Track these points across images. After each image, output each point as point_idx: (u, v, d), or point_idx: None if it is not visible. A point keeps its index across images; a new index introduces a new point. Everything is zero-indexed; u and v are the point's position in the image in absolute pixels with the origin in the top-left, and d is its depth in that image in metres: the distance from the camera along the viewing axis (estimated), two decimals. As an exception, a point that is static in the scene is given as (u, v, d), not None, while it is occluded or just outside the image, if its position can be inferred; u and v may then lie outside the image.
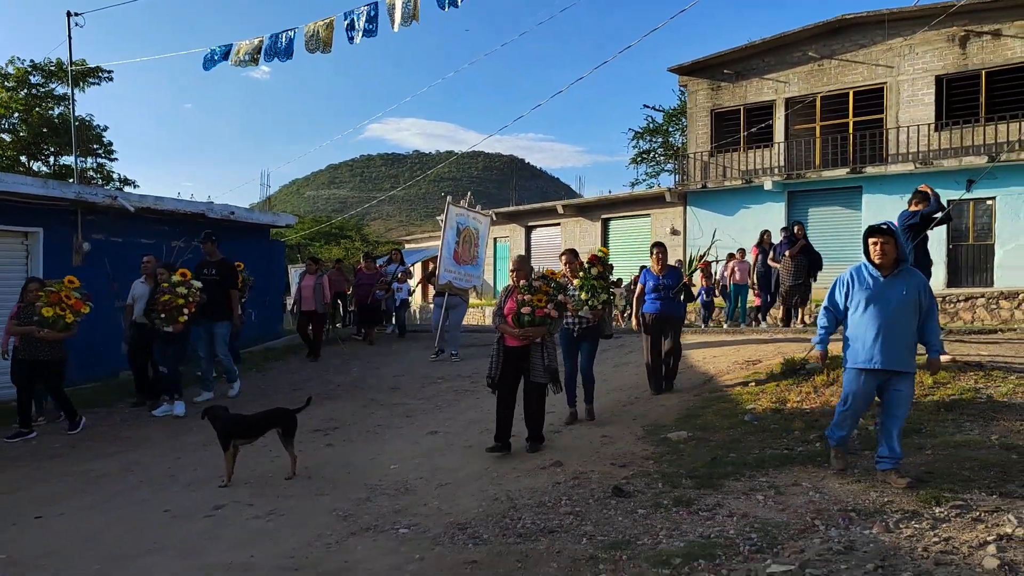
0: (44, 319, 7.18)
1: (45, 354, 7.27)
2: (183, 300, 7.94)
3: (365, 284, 13.10)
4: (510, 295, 6.01)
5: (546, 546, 4.02)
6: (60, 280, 7.55)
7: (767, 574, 3.47)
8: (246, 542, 4.33)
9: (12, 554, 4.25)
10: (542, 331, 5.82)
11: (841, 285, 4.67)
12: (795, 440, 5.56)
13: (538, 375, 5.81)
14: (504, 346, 5.91)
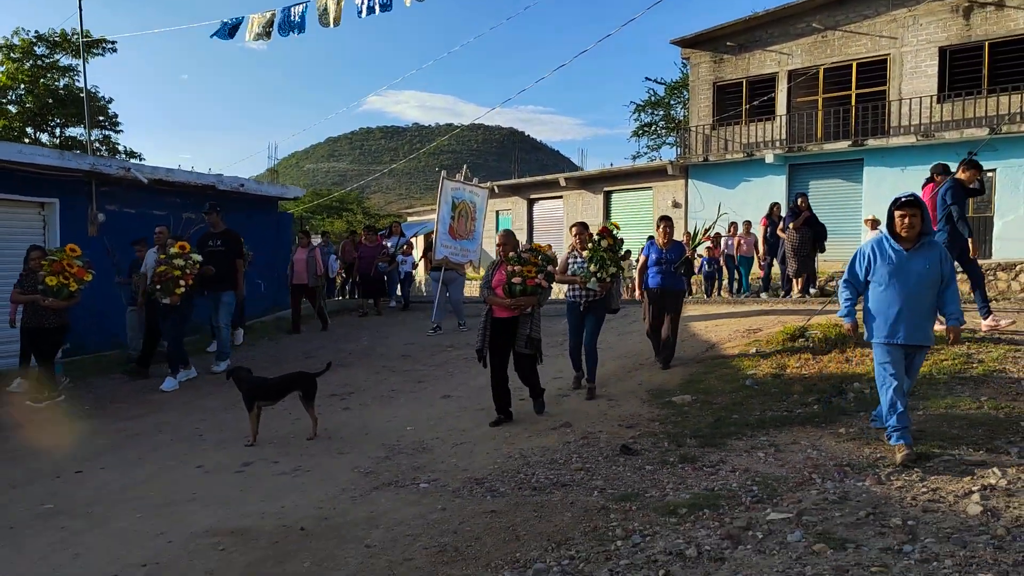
0: (48, 288, 7.20)
1: (50, 322, 7.33)
2: (179, 272, 7.91)
3: (367, 256, 13.27)
4: (498, 268, 6.09)
5: (560, 498, 4.29)
6: (62, 248, 7.57)
7: (767, 521, 3.73)
8: (276, 494, 4.61)
9: (59, 503, 4.53)
10: (533, 300, 5.91)
11: (862, 258, 4.61)
12: (794, 403, 5.82)
13: (521, 345, 5.90)
14: (492, 318, 5.99)
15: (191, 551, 3.75)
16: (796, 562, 3.24)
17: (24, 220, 9.61)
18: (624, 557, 3.46)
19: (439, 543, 3.71)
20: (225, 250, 8.87)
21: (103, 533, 4.04)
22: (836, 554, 3.28)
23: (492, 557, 3.55)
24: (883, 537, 3.42)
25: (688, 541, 3.56)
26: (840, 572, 3.11)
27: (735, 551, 3.42)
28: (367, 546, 3.72)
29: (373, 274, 13.19)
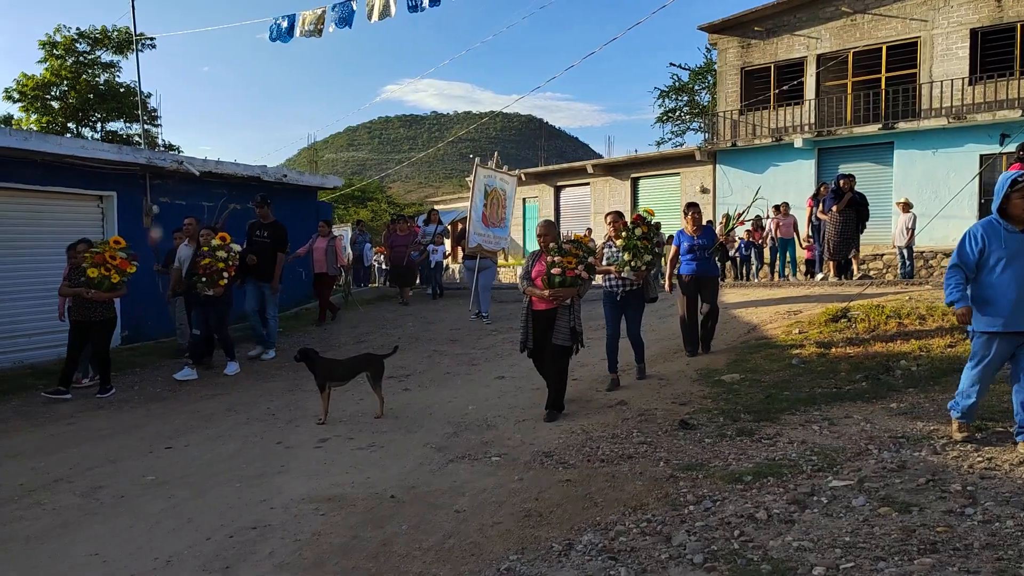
0: (90, 280, 7.23)
1: (97, 315, 7.37)
2: (223, 264, 7.95)
3: (399, 245, 13.40)
4: (538, 259, 6.00)
5: (628, 469, 4.55)
6: (106, 240, 7.65)
7: (830, 488, 3.97)
8: (358, 467, 4.91)
9: (158, 475, 4.86)
10: (572, 292, 5.82)
11: (973, 241, 4.30)
12: (842, 380, 6.03)
13: (561, 337, 5.79)
14: (533, 311, 5.93)
15: (294, 515, 4.05)
16: (864, 523, 3.48)
17: (85, 212, 9.99)
18: (698, 520, 3.71)
19: (523, 508, 3.99)
20: (271, 242, 9.07)
21: (208, 501, 4.36)
22: (901, 516, 3.51)
23: (574, 521, 3.82)
24: (944, 501, 3.65)
25: (756, 506, 3.81)
26: (907, 532, 3.34)
27: (803, 514, 3.67)
28: (456, 511, 4.00)
29: (405, 263, 13.33)
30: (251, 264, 8.81)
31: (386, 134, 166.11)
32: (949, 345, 6.41)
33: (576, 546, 3.52)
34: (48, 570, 3.54)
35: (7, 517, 4.22)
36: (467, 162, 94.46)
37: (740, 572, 3.13)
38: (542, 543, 3.58)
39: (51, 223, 9.48)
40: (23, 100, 20.41)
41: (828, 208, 11.26)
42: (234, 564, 3.50)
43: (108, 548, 3.75)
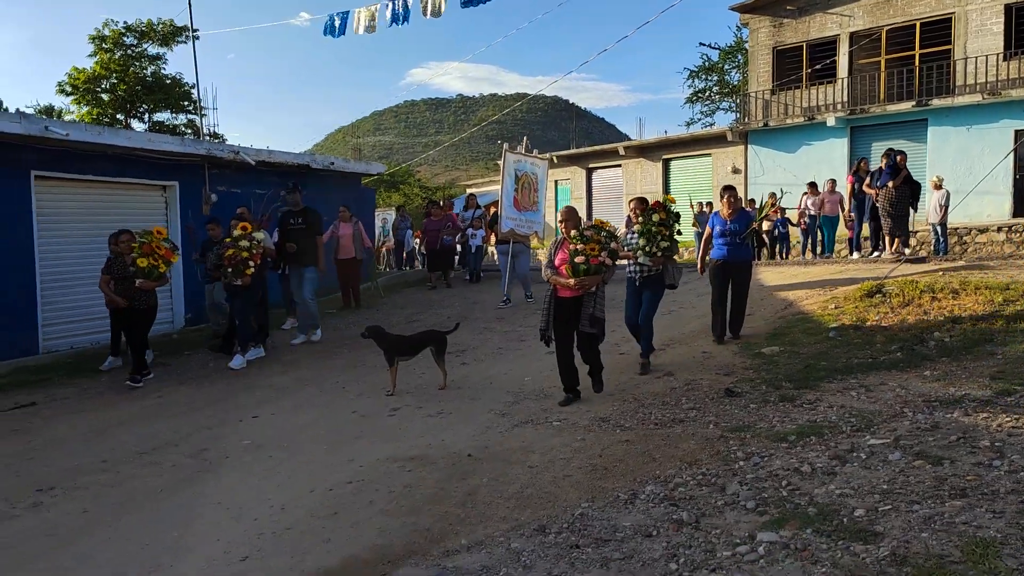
0: (140, 269, 7.36)
1: (140, 303, 7.53)
2: (247, 253, 7.93)
3: (433, 229, 13.55)
4: (560, 246, 5.95)
5: (681, 430, 4.98)
6: (149, 231, 7.75)
7: (868, 445, 4.37)
8: (431, 432, 5.40)
9: (253, 440, 5.40)
10: (597, 280, 5.78)
11: None
12: (878, 351, 6.38)
13: (586, 325, 5.79)
14: (555, 298, 5.90)
15: (383, 472, 4.55)
16: (900, 474, 3.88)
17: (150, 202, 10.59)
18: (748, 473, 4.14)
19: (589, 464, 4.45)
20: (306, 227, 9.19)
21: (303, 461, 4.88)
22: (934, 468, 3.90)
23: (636, 474, 4.27)
24: (974, 455, 4.03)
25: (801, 461, 4.22)
26: (939, 480, 3.74)
27: (843, 468, 4.07)
28: (529, 467, 4.47)
29: (439, 247, 13.48)
30: (291, 252, 9.02)
31: (412, 118, 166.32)
32: (981, 318, 6.72)
33: (640, 495, 3.97)
34: (183, 515, 4.08)
35: (131, 474, 4.78)
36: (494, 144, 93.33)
37: (789, 515, 3.55)
38: (609, 493, 4.03)
39: (121, 212, 10.07)
40: (75, 93, 21.25)
41: (884, 183, 10.91)
42: (340, 511, 4.00)
43: (228, 498, 4.28)
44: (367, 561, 3.42)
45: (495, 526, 3.72)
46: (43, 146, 8.91)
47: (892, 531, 3.28)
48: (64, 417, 6.39)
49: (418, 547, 3.53)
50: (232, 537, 3.76)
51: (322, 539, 3.67)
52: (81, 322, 9.61)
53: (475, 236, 14.68)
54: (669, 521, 3.62)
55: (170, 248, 7.71)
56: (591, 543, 3.46)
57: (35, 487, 4.59)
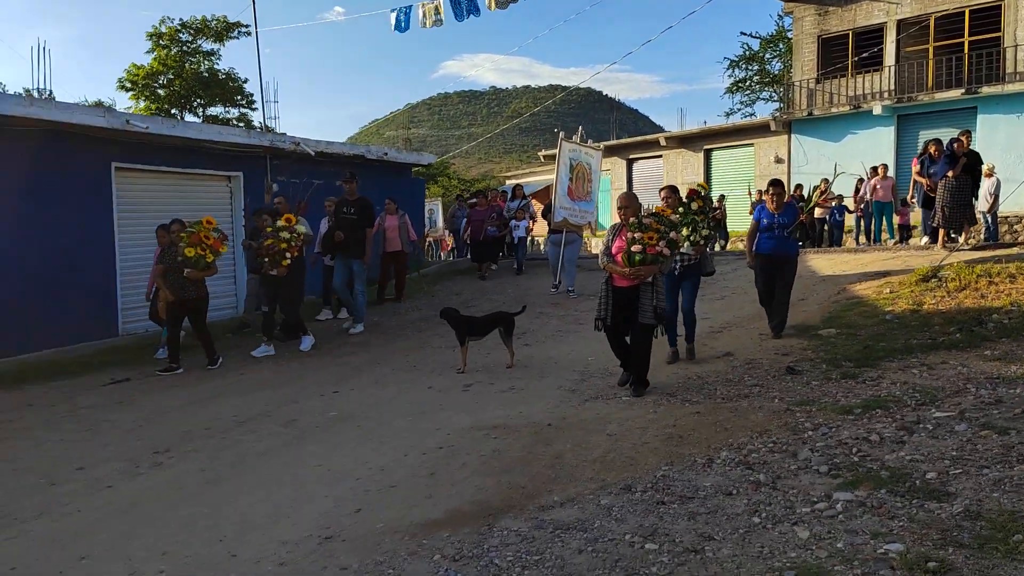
0: (187, 259, 7.42)
1: (191, 293, 7.61)
2: (286, 244, 7.95)
3: (477, 220, 13.64)
4: (618, 233, 5.81)
5: (747, 404, 5.22)
6: (199, 221, 7.75)
7: (934, 418, 4.57)
8: (507, 405, 5.70)
9: (339, 412, 5.76)
10: (654, 270, 5.63)
11: None
12: (936, 333, 6.53)
13: (647, 316, 5.63)
14: (612, 287, 5.78)
15: (470, 439, 4.86)
16: (967, 443, 4.08)
17: (216, 191, 11.05)
18: (818, 441, 4.37)
19: (664, 433, 4.71)
20: (357, 218, 9.16)
21: (390, 431, 5.22)
22: (1001, 437, 4.09)
23: (711, 442, 4.52)
24: (1039, 426, 4.21)
25: (868, 431, 4.43)
26: (1007, 448, 3.94)
27: (911, 437, 4.28)
28: (608, 435, 4.75)
29: (483, 238, 13.55)
30: (338, 241, 9.06)
31: (445, 110, 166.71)
32: (1039, 301, 6.82)
33: (716, 460, 4.22)
34: (292, 474, 4.44)
35: (236, 440, 5.17)
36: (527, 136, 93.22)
37: (863, 477, 3.78)
38: (686, 458, 4.29)
39: (190, 201, 10.53)
40: (134, 89, 21.99)
41: (941, 175, 10.41)
42: (437, 471, 4.32)
43: (329, 461, 4.63)
44: (469, 514, 3.73)
45: (584, 485, 4.00)
46: (123, 139, 9.38)
47: (964, 491, 3.50)
48: (160, 392, 6.83)
49: (515, 502, 3.83)
50: (340, 493, 4.10)
51: (424, 495, 3.99)
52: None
53: (518, 227, 14.58)
54: (747, 482, 3.87)
55: (219, 238, 7.71)
56: (676, 500, 3.73)
57: (152, 450, 4.99)
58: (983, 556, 2.89)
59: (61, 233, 8.86)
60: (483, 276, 13.30)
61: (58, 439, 5.35)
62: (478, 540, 3.41)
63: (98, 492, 4.26)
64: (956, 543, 3.01)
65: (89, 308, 9.12)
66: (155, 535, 3.65)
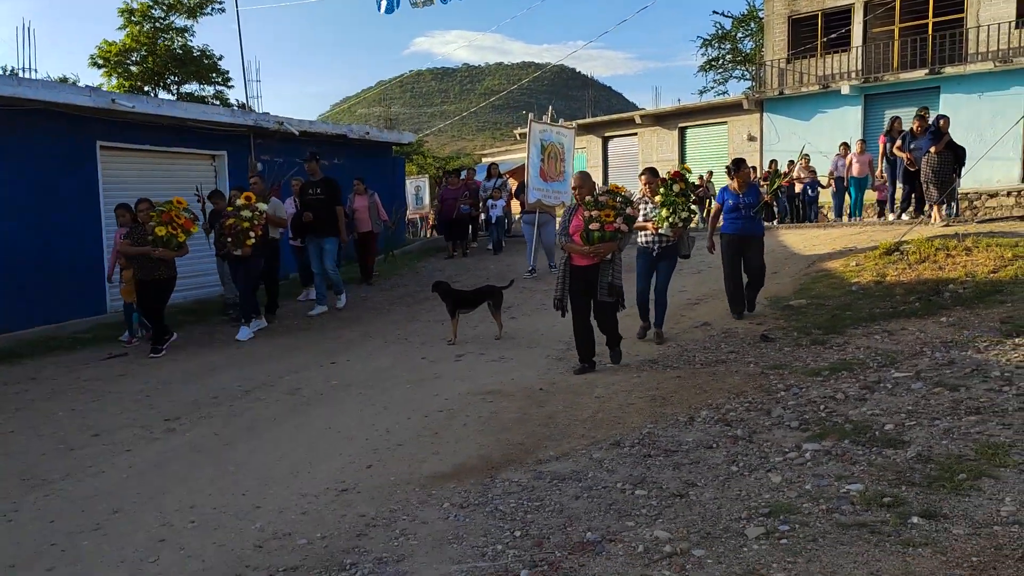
0: (158, 238, 7.30)
1: (161, 273, 7.49)
2: (248, 224, 7.82)
3: (450, 199, 13.40)
4: (575, 213, 5.83)
5: (724, 369, 5.61)
6: (169, 200, 7.67)
7: (893, 378, 4.98)
8: (499, 372, 6.03)
9: (340, 381, 6.05)
10: (613, 247, 5.68)
11: None
12: (898, 302, 6.97)
13: (603, 294, 5.72)
14: (571, 266, 5.84)
15: (467, 403, 5.19)
16: (922, 399, 4.50)
17: (201, 170, 11.16)
18: (790, 400, 4.76)
19: (649, 394, 5.08)
20: (325, 198, 9.07)
21: (391, 396, 5.52)
22: (952, 393, 4.52)
23: (691, 402, 4.89)
24: (986, 383, 4.64)
25: (835, 391, 4.84)
26: (956, 403, 4.36)
27: (872, 395, 4.69)
28: (596, 397, 5.11)
29: (455, 217, 13.38)
30: (307, 222, 9.03)
31: (418, 88, 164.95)
32: (992, 271, 7.29)
33: (696, 418, 4.60)
34: (303, 436, 4.74)
35: (244, 407, 5.45)
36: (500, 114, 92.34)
37: (829, 430, 4.18)
38: (670, 417, 4.66)
39: (176, 179, 10.65)
40: (107, 66, 21.71)
41: (925, 150, 10.56)
42: (440, 432, 4.65)
43: (337, 424, 4.93)
44: (473, 467, 4.06)
45: (576, 441, 4.36)
46: (108, 118, 9.47)
47: (917, 440, 3.91)
48: (160, 365, 7.05)
49: (514, 457, 4.17)
50: (352, 452, 4.41)
51: (431, 452, 4.31)
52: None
53: (495, 206, 14.29)
54: (725, 437, 4.25)
55: (190, 218, 7.65)
56: (661, 453, 4.10)
57: (163, 417, 5.25)
58: (931, 492, 3.29)
59: (48, 211, 8.97)
60: (451, 256, 13.14)
61: (69, 409, 5.58)
62: (482, 490, 3.75)
63: (119, 455, 4.52)
64: (908, 482, 3.41)
65: (78, 285, 9.26)
66: (182, 491, 3.93)
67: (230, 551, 3.23)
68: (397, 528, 3.39)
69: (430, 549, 3.17)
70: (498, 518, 3.43)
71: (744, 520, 3.20)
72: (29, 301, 8.71)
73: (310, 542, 3.29)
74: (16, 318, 8.54)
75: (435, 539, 3.26)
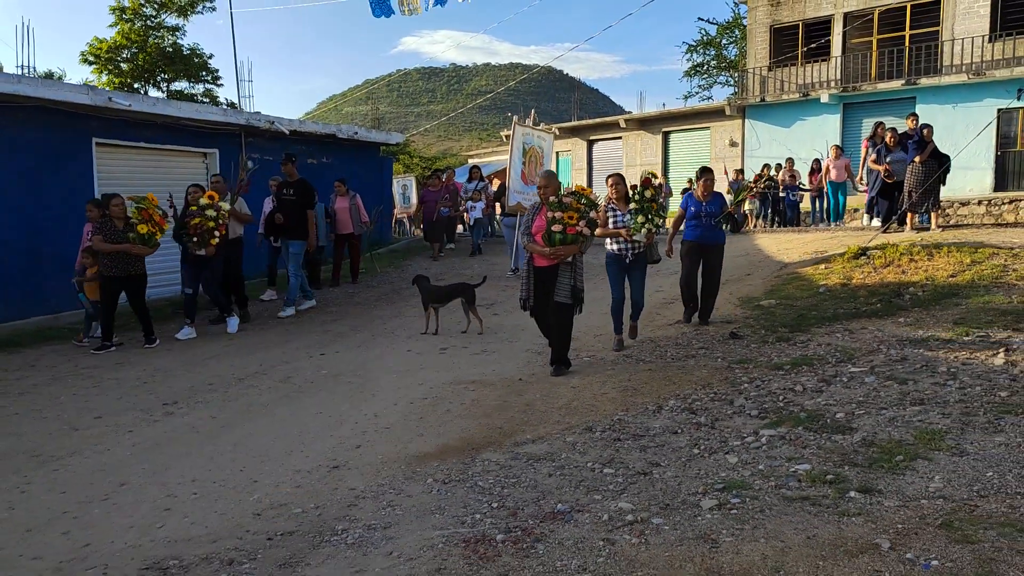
0: (140, 236, 7.33)
1: (137, 268, 7.51)
2: (213, 223, 7.81)
3: (430, 200, 13.40)
4: (539, 213, 5.77)
5: (694, 363, 5.95)
6: (144, 196, 7.63)
7: (849, 372, 5.34)
8: (481, 364, 6.34)
9: (329, 371, 6.34)
10: (574, 249, 5.64)
11: None
12: (861, 303, 7.36)
13: (563, 295, 5.68)
14: (534, 267, 5.79)
15: (451, 391, 5.50)
16: (873, 391, 4.86)
17: (192, 167, 11.39)
18: (752, 392, 5.11)
19: (622, 386, 5.41)
20: (298, 200, 9.03)
21: (378, 385, 5.82)
22: (900, 386, 4.88)
23: (660, 393, 5.23)
24: (933, 377, 5.01)
25: (794, 383, 5.19)
26: (903, 394, 4.72)
27: (829, 387, 5.05)
28: (572, 387, 5.44)
29: (435, 218, 13.37)
30: (279, 223, 9.01)
31: (405, 87, 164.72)
32: (951, 275, 7.69)
33: (664, 407, 4.93)
34: (296, 420, 5.03)
35: (238, 393, 5.73)
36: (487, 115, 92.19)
37: (785, 418, 4.52)
38: (639, 405, 5.00)
39: (168, 176, 10.87)
40: (97, 63, 21.84)
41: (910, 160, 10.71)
42: (425, 416, 4.96)
43: (327, 410, 5.23)
44: (456, 448, 4.37)
45: (551, 426, 4.68)
46: (104, 116, 9.69)
47: (864, 426, 4.26)
48: (157, 354, 7.31)
49: (494, 439, 4.49)
50: (342, 434, 4.71)
51: (416, 434, 4.62)
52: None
53: (474, 208, 14.31)
54: (690, 424, 4.59)
55: (162, 215, 7.68)
56: (629, 438, 4.43)
57: (162, 402, 5.52)
58: (870, 472, 3.64)
59: (45, 205, 9.18)
60: (436, 257, 13.23)
61: (71, 393, 5.84)
62: (463, 468, 4.06)
63: (122, 435, 4.79)
64: (851, 463, 3.76)
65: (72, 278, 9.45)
66: (183, 467, 4.22)
67: (230, 519, 3.53)
68: (385, 500, 3.69)
69: (415, 518, 3.48)
70: (477, 492, 3.74)
71: (700, 494, 3.54)
72: (24, 292, 8.92)
73: (304, 511, 3.59)
74: (11, 309, 8.75)
75: (419, 510, 3.57)
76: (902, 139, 11.26)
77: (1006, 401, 4.46)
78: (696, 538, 3.09)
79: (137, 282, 7.59)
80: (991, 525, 3.01)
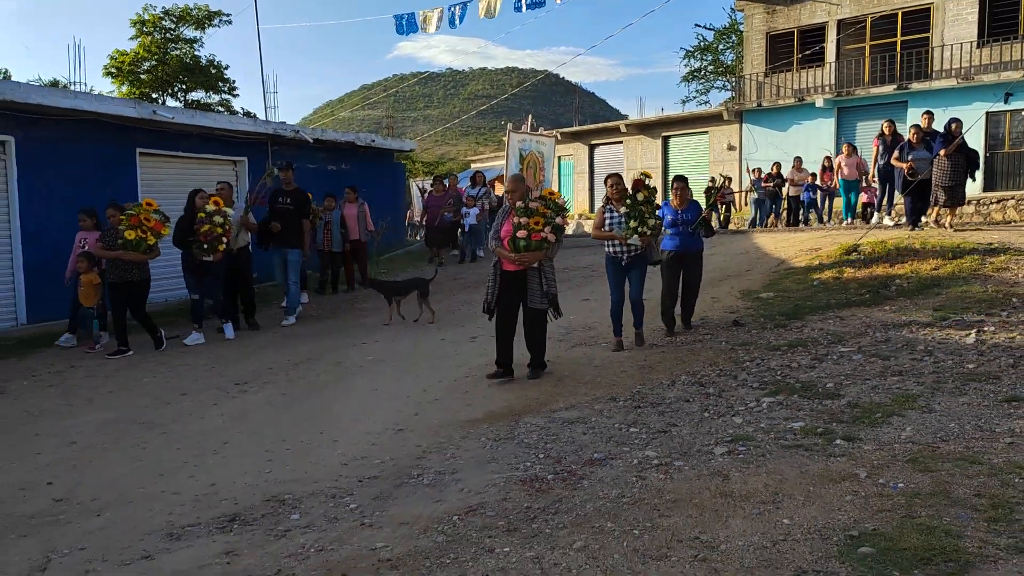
0: (128, 241, 7.41)
1: (134, 275, 7.58)
2: (221, 229, 7.92)
3: (434, 206, 13.37)
4: (507, 217, 5.73)
5: (701, 346, 6.68)
6: (139, 203, 7.83)
7: (839, 352, 6.07)
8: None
9: (375, 357, 7.05)
10: (539, 256, 5.62)
11: None
12: (851, 294, 8.07)
13: (536, 301, 5.70)
14: (501, 271, 5.76)
15: (487, 371, 6.22)
16: (859, 366, 5.59)
17: (222, 174, 12.08)
18: (753, 368, 5.84)
19: (638, 365, 6.14)
20: (294, 208, 9.12)
21: (421, 368, 6.54)
22: (883, 362, 5.61)
23: (673, 370, 5.95)
24: (911, 354, 5.74)
25: (790, 361, 5.92)
26: (885, 368, 5.45)
27: (821, 364, 5.78)
28: (595, 366, 6.17)
29: (438, 224, 13.35)
30: (275, 231, 8.98)
31: (401, 92, 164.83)
32: (934, 268, 8.42)
33: (677, 381, 5.66)
34: (355, 395, 5.75)
35: (299, 375, 6.47)
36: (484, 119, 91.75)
37: (782, 388, 5.25)
38: (655, 380, 5.72)
39: (201, 183, 11.38)
40: (119, 75, 22.63)
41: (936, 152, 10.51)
42: (469, 391, 5.69)
43: (380, 387, 5.95)
44: (500, 414, 5.10)
45: (580, 397, 5.40)
46: (146, 127, 10.42)
47: (850, 393, 4.99)
48: (209, 347, 8.01)
49: (532, 407, 5.21)
50: (398, 406, 5.43)
51: (464, 404, 5.35)
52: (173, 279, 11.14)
53: (468, 215, 13.97)
54: (700, 394, 5.32)
55: (160, 220, 7.72)
56: (648, 405, 5.15)
57: (233, 382, 6.25)
58: (854, 426, 4.37)
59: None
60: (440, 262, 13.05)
61: (150, 378, 6.57)
62: (510, 429, 4.79)
63: (209, 408, 5.52)
64: (838, 420, 4.49)
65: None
66: (272, 431, 4.94)
67: (323, 467, 4.25)
68: (447, 453, 4.42)
69: (475, 466, 4.20)
70: (524, 447, 4.46)
71: (713, 444, 4.26)
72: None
73: (383, 462, 4.32)
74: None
75: (478, 460, 4.29)
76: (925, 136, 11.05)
77: (973, 372, 5.19)
78: (711, 474, 3.82)
79: (135, 288, 7.64)
80: (948, 460, 3.74)
